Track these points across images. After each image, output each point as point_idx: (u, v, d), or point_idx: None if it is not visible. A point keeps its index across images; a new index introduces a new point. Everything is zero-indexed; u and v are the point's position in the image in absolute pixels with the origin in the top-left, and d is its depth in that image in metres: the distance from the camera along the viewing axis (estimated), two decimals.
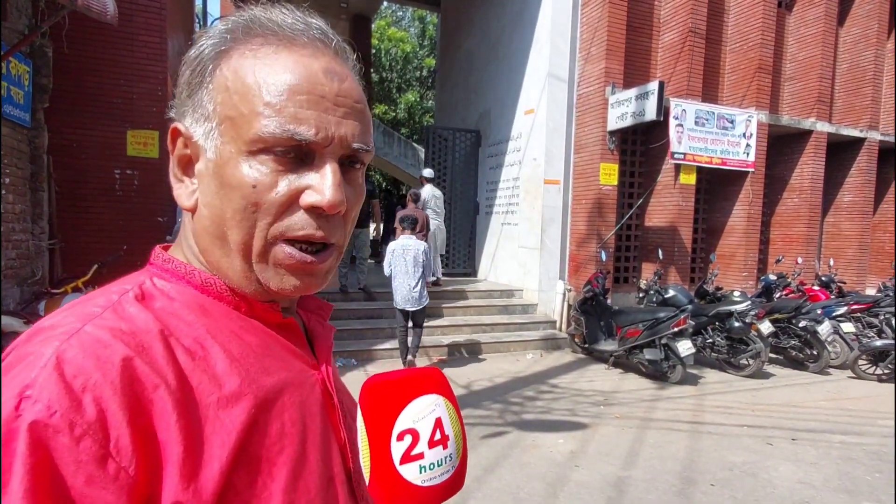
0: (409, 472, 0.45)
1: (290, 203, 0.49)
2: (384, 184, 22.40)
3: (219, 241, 0.51)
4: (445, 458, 0.47)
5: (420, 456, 0.46)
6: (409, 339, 5.54)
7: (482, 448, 3.81)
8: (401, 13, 25.33)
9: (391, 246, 5.43)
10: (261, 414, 0.48)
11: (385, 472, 0.45)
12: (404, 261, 5.28)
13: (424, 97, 23.81)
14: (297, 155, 0.49)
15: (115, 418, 0.40)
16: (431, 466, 0.46)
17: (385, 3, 16.37)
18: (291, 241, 0.50)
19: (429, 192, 7.56)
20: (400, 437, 0.46)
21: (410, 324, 5.52)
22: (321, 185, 0.49)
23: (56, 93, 5.09)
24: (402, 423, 0.46)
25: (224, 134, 0.49)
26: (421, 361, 6.20)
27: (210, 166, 0.50)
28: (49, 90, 5.04)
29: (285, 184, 0.49)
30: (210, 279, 0.53)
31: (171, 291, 0.51)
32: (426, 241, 6.11)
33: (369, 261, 8.06)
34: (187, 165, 0.54)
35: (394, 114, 23.10)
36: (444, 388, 0.51)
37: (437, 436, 0.47)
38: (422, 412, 0.47)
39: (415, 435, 0.46)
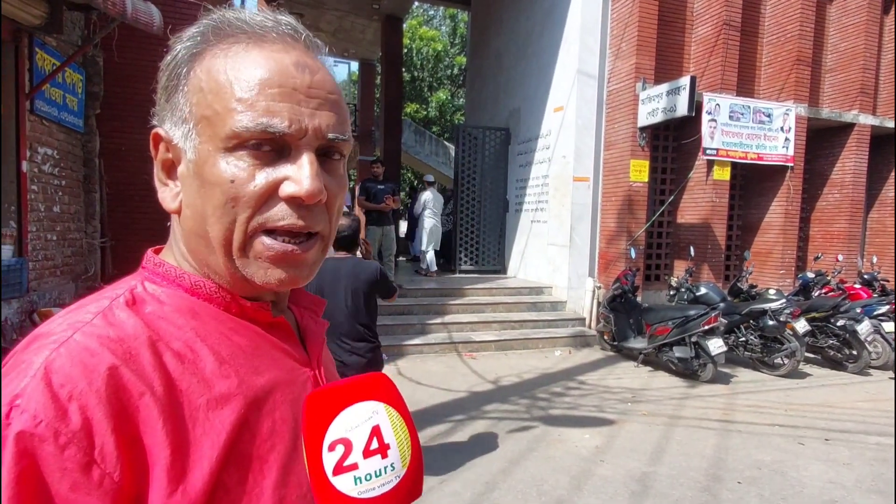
0: (343, 484, 0.44)
1: (269, 195, 0.49)
2: (415, 181, 22.60)
3: (203, 240, 0.51)
4: (385, 467, 0.46)
5: (354, 467, 0.45)
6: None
7: (508, 442, 3.90)
8: (432, 12, 25.46)
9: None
10: (251, 413, 0.49)
11: (320, 486, 0.45)
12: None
13: (455, 95, 23.90)
14: (273, 148, 0.49)
15: (100, 426, 0.41)
16: (368, 477, 0.45)
17: (416, 3, 16.53)
18: (272, 233, 0.50)
19: (429, 195, 9.03)
20: (331, 448, 0.45)
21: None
22: (298, 175, 0.49)
23: (106, 99, 5.41)
24: (333, 434, 0.45)
25: (201, 133, 0.50)
26: (450, 357, 6.32)
27: (191, 167, 0.51)
28: (100, 97, 5.37)
29: (263, 177, 0.49)
30: (199, 281, 0.53)
31: (162, 295, 0.52)
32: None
33: (401, 258, 8.25)
34: (170, 169, 0.54)
35: (425, 112, 23.27)
36: (387, 395, 0.49)
37: (374, 445, 0.46)
38: (355, 421, 0.46)
39: (347, 445, 0.45)
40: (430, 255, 8.71)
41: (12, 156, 4.14)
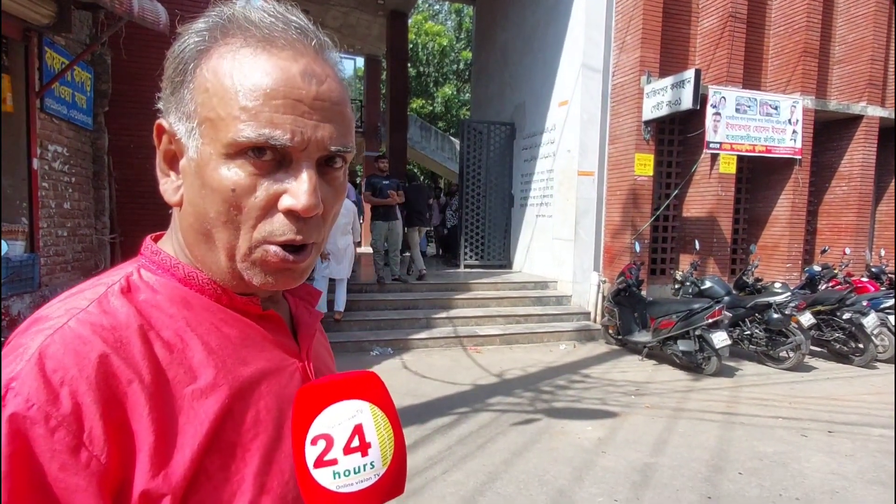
0: (323, 477, 0.47)
1: (269, 207, 0.50)
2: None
3: (203, 238, 0.52)
4: (364, 465, 0.48)
5: (333, 462, 0.47)
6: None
7: (511, 433, 3.94)
8: (437, 7, 25.39)
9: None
10: (235, 403, 0.50)
11: (302, 476, 0.47)
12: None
13: (461, 90, 23.86)
14: (274, 158, 0.49)
15: (89, 411, 0.42)
16: (346, 473, 0.47)
17: None
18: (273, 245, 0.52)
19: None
20: (314, 442, 0.47)
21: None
22: (297, 189, 0.49)
23: (114, 97, 5.48)
24: (316, 428, 0.47)
25: (204, 135, 0.50)
26: (455, 352, 6.37)
27: (192, 165, 0.51)
28: (108, 95, 5.43)
29: (263, 188, 0.49)
30: (193, 273, 0.54)
31: (156, 284, 0.53)
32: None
33: (406, 254, 8.27)
34: (172, 160, 0.54)
35: (431, 108, 23.26)
36: (374, 395, 0.51)
37: (355, 442, 0.48)
38: (338, 418, 0.48)
39: (329, 440, 0.47)
40: None
41: (23, 153, 4.22)
